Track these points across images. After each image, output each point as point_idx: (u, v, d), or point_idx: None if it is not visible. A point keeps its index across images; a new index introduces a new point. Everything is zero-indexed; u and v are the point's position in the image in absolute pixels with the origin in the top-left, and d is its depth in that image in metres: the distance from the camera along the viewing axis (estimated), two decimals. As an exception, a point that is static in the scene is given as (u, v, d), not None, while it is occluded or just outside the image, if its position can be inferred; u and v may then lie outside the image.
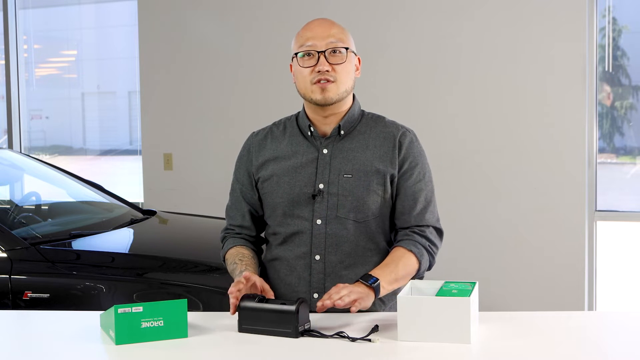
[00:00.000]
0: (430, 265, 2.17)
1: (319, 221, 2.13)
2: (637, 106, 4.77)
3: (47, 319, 2.20)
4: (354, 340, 1.86)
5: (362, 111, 2.24)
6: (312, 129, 2.17)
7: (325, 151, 2.16)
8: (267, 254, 2.25)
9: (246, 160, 2.25)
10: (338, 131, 2.17)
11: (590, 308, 4.57)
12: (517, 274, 4.63)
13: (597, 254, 4.59)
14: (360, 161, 2.14)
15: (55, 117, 6.61)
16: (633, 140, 4.82)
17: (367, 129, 2.19)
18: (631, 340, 1.90)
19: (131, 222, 3.81)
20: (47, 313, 2.28)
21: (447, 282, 1.97)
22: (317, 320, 1.96)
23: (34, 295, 3.03)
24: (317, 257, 2.13)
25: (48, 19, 6.59)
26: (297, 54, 2.14)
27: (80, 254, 3.37)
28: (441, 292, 1.91)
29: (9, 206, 4.13)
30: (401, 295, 1.90)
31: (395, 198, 2.16)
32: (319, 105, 2.13)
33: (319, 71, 2.10)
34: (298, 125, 2.22)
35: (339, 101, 2.14)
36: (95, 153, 6.56)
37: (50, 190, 4.27)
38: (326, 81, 2.10)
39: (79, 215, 4.06)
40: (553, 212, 4.56)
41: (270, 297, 2.00)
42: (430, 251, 2.15)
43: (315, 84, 2.11)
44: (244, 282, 1.99)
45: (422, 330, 1.83)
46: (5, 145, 6.12)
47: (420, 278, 2.15)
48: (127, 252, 3.50)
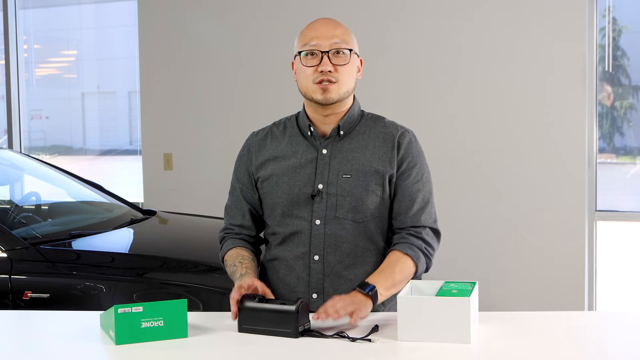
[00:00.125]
0: (427, 268, 2.16)
1: (317, 221, 2.12)
2: (637, 106, 4.76)
3: (47, 319, 2.20)
4: (354, 340, 1.86)
5: (362, 111, 2.23)
6: (312, 129, 2.17)
7: (324, 151, 2.16)
8: (266, 254, 2.24)
9: (246, 159, 2.24)
10: (337, 131, 2.16)
11: (590, 308, 4.57)
12: (517, 274, 4.63)
13: (597, 254, 4.58)
14: (359, 161, 2.14)
15: (55, 117, 6.61)
16: (633, 140, 4.82)
17: (366, 129, 2.19)
18: (631, 340, 1.90)
19: (131, 222, 3.81)
20: (47, 313, 2.28)
21: (447, 282, 1.97)
22: (317, 321, 1.96)
23: (34, 295, 3.03)
24: (316, 258, 2.13)
25: (48, 19, 6.59)
26: (300, 52, 2.14)
27: (80, 254, 3.37)
28: (441, 292, 1.91)
29: (9, 206, 4.13)
30: (401, 295, 1.90)
31: (393, 198, 2.16)
32: (320, 104, 2.13)
33: (322, 71, 2.10)
34: (298, 125, 2.22)
35: (340, 102, 2.14)
36: (95, 153, 6.56)
37: (50, 190, 4.27)
38: (328, 82, 2.10)
39: (79, 215, 4.06)
40: (553, 212, 4.56)
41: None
42: (427, 253, 2.14)
43: (317, 84, 2.10)
44: (246, 287, 1.99)
45: (422, 330, 1.83)
46: (5, 145, 6.12)
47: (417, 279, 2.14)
48: (127, 252, 3.50)
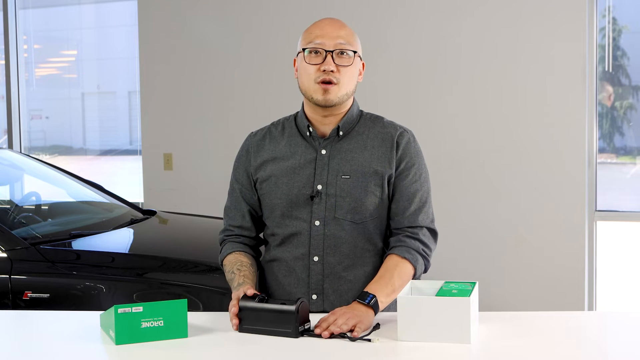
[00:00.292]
0: (426, 269, 2.16)
1: (317, 222, 2.12)
2: (637, 106, 4.76)
3: (47, 319, 2.19)
4: (354, 340, 1.86)
5: (361, 111, 2.23)
6: (311, 129, 2.17)
7: (323, 152, 2.15)
8: (266, 255, 2.24)
9: (245, 160, 2.24)
10: (337, 132, 2.16)
11: (590, 308, 4.57)
12: (517, 274, 4.63)
13: (597, 254, 4.59)
14: (358, 162, 2.13)
15: (55, 117, 6.61)
16: (633, 140, 4.82)
17: (365, 129, 2.18)
18: (631, 340, 1.90)
19: (131, 222, 3.80)
20: (47, 313, 2.28)
21: (447, 282, 1.97)
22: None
23: (34, 295, 3.03)
24: (316, 259, 2.13)
25: (48, 19, 6.59)
26: (304, 50, 2.13)
27: (80, 254, 3.37)
28: (441, 292, 1.91)
29: (9, 206, 4.13)
30: (401, 295, 1.90)
31: (391, 198, 2.15)
32: (319, 105, 2.13)
33: (324, 70, 2.09)
34: (297, 125, 2.21)
35: (339, 104, 2.13)
36: (95, 153, 6.55)
37: (50, 190, 4.27)
38: (329, 83, 2.09)
39: (79, 215, 4.06)
40: (553, 212, 4.56)
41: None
42: (425, 255, 2.13)
43: (318, 83, 2.10)
44: None
45: (422, 330, 1.83)
46: (5, 145, 6.12)
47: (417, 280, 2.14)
48: (127, 252, 3.50)
